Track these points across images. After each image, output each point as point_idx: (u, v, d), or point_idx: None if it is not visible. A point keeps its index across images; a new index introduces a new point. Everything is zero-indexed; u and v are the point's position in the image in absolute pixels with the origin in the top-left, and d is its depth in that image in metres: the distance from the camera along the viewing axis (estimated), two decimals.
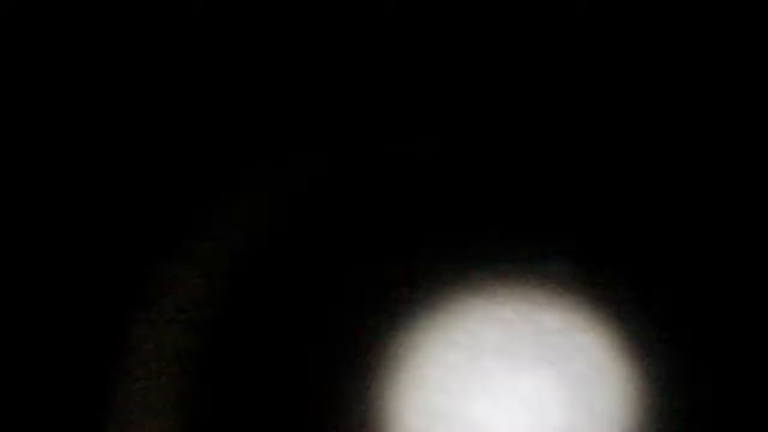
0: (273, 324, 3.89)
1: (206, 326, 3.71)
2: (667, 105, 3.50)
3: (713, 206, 3.68)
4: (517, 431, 3.82)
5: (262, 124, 3.76)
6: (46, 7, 2.92)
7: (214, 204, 3.43)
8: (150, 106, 3.37)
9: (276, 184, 3.73)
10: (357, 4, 3.28)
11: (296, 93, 3.66)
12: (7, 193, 3.12)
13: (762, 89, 3.23)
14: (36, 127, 3.19)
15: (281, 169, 3.75)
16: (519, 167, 3.80)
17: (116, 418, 3.27)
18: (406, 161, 3.78)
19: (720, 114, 3.40)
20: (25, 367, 3.15)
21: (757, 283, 3.69)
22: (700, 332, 3.76)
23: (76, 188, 3.21)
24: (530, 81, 3.58)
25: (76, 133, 3.25)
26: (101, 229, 3.20)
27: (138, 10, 3.17)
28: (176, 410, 3.58)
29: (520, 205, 3.87)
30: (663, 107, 3.51)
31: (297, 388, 3.84)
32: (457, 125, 3.76)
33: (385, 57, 3.52)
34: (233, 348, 3.85)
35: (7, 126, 3.12)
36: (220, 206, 3.46)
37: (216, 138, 3.61)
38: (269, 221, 3.74)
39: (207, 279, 3.60)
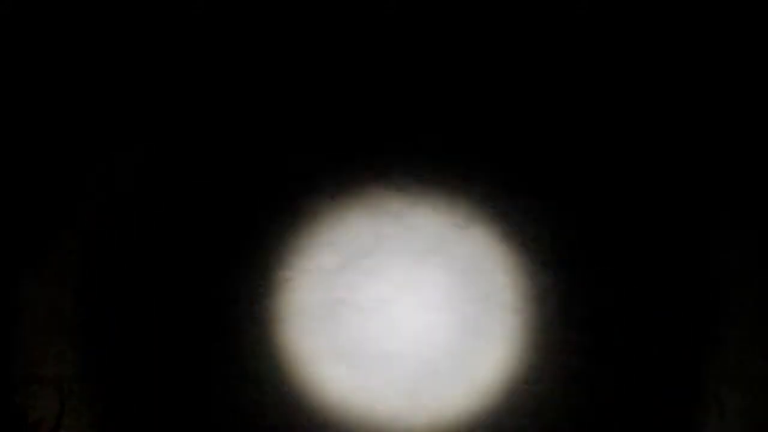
0: (162, 265, 3.81)
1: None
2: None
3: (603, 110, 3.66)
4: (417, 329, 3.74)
5: (258, 118, 3.76)
6: None
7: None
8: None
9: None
10: (357, 4, 3.28)
11: (291, 88, 3.67)
12: None
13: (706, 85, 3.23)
14: None
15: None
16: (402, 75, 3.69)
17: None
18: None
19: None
20: None
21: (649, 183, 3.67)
22: (586, 212, 3.74)
23: None
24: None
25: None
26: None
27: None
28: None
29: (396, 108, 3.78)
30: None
31: (188, 333, 3.76)
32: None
33: (385, 57, 3.52)
34: (129, 299, 3.77)
35: None
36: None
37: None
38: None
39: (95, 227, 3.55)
